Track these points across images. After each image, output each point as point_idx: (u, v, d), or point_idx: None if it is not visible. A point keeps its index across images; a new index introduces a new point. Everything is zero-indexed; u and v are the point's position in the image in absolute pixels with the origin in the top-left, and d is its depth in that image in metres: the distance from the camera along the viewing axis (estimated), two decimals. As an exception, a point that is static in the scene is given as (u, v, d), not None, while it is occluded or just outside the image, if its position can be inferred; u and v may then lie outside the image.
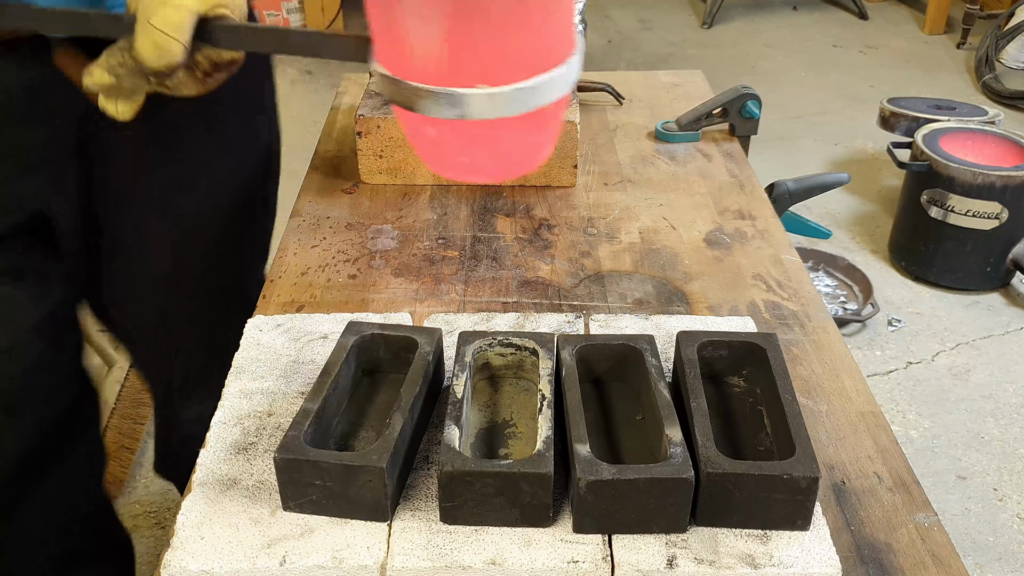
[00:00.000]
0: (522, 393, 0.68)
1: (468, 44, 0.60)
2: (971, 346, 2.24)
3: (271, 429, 0.66)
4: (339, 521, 0.58)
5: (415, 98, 0.62)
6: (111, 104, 0.74)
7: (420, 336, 0.67)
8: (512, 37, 0.60)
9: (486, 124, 0.62)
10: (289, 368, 0.71)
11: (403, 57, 0.63)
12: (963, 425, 1.98)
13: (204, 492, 0.60)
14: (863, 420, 0.73)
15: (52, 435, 1.04)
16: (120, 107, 0.74)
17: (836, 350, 0.81)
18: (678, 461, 0.56)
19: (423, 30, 0.61)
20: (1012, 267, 2.36)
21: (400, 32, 0.61)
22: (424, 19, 0.59)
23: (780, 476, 0.55)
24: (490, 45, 0.60)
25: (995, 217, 2.28)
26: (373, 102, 1.06)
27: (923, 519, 0.64)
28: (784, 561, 0.55)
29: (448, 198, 1.04)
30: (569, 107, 1.04)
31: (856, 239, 2.65)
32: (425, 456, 0.63)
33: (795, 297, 0.88)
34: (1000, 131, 2.43)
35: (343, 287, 0.88)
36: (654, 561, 0.55)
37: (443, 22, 0.59)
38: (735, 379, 0.68)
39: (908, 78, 3.67)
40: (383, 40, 0.65)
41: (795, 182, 2.14)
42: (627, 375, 0.68)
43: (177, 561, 0.56)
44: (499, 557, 0.55)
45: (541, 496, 0.56)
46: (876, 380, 2.11)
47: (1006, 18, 3.59)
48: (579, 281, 0.90)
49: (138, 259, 1.02)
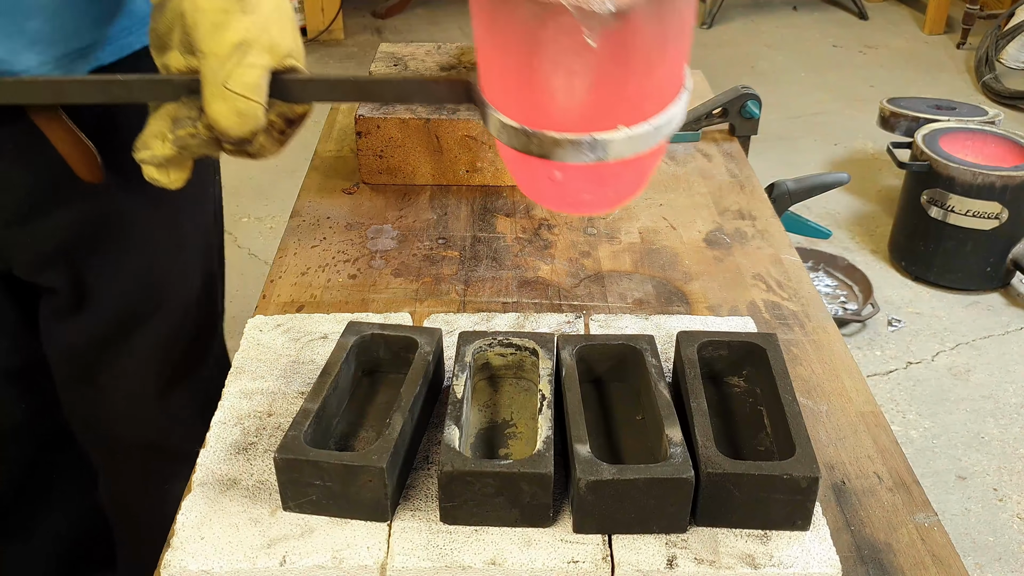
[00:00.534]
0: (522, 393, 0.68)
1: (616, 91, 0.59)
2: (971, 346, 2.24)
3: (271, 429, 0.66)
4: (339, 521, 0.58)
5: (552, 148, 0.61)
6: (163, 174, 0.68)
7: (420, 336, 0.67)
8: (655, 76, 0.60)
9: (617, 162, 0.61)
10: (289, 368, 0.71)
11: (539, 108, 0.61)
12: (963, 425, 1.98)
13: (204, 492, 0.60)
14: (863, 420, 0.73)
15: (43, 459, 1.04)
16: (173, 175, 0.68)
17: (836, 350, 0.81)
18: (678, 461, 0.56)
19: (569, 83, 0.59)
20: (1012, 267, 2.36)
21: (540, 85, 0.60)
22: (573, 73, 0.58)
23: (780, 476, 0.55)
24: (636, 88, 0.59)
25: (995, 217, 2.28)
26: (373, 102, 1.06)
27: (923, 519, 0.64)
28: (784, 561, 0.55)
29: (448, 198, 1.04)
30: (569, 107, 1.04)
31: (856, 239, 2.65)
32: (425, 456, 0.63)
33: (795, 297, 0.88)
34: (1000, 131, 2.43)
35: (343, 287, 0.88)
36: (654, 561, 0.55)
37: (594, 74, 0.58)
38: (735, 379, 0.68)
39: (908, 78, 3.67)
40: (511, 92, 0.62)
41: (795, 182, 2.14)
42: (627, 375, 0.68)
43: (177, 561, 0.56)
44: (499, 557, 0.55)
45: (541, 496, 0.56)
46: (876, 380, 2.11)
47: (1006, 18, 3.59)
48: (579, 281, 0.90)
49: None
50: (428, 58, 1.16)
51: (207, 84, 0.62)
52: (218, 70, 0.61)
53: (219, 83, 0.61)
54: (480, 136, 1.02)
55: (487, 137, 1.02)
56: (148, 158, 0.66)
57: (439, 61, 1.15)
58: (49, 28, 0.72)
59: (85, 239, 0.86)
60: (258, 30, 0.63)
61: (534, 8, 0.56)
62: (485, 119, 0.65)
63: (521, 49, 0.58)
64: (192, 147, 0.65)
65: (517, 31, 0.58)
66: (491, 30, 0.60)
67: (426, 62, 1.14)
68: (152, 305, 0.93)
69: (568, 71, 0.58)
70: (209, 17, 0.62)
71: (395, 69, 1.12)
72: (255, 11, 0.63)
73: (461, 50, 1.18)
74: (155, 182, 0.69)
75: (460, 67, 1.13)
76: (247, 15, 0.63)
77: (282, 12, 0.65)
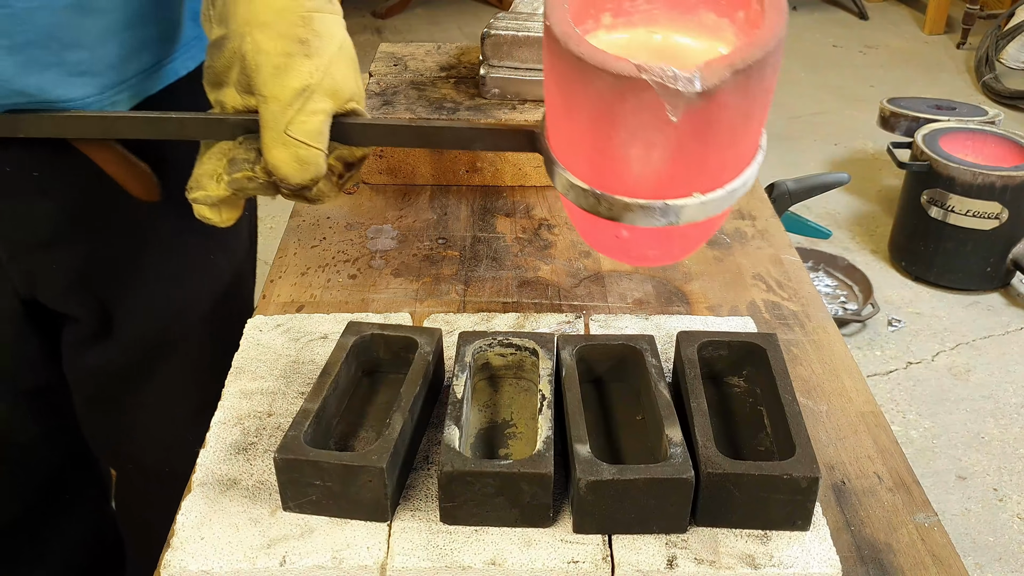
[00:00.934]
0: (522, 393, 0.68)
1: (694, 162, 0.57)
2: (971, 346, 2.24)
3: (271, 429, 0.66)
4: (339, 521, 0.58)
5: (623, 211, 0.59)
6: (215, 214, 0.67)
7: (420, 336, 0.67)
8: (736, 147, 0.59)
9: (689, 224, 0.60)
10: (289, 368, 0.71)
11: (611, 174, 0.59)
12: (963, 425, 1.98)
13: (204, 492, 0.60)
14: (863, 420, 0.73)
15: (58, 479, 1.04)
16: (225, 215, 0.67)
17: (836, 350, 0.81)
18: (678, 461, 0.56)
19: (646, 154, 0.58)
20: (1012, 267, 2.36)
21: (613, 153, 0.58)
22: (650, 145, 0.56)
23: (780, 476, 0.55)
24: (715, 159, 0.58)
25: (995, 217, 2.28)
26: (372, 102, 1.06)
27: (923, 519, 0.64)
28: (784, 561, 0.55)
29: (448, 198, 1.04)
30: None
31: (856, 239, 2.65)
32: (425, 456, 0.63)
33: (795, 297, 0.88)
34: (1000, 131, 2.43)
35: (343, 287, 0.88)
36: (654, 561, 0.55)
37: (673, 147, 0.56)
38: (735, 379, 0.68)
39: (908, 78, 3.67)
40: (582, 153, 0.60)
41: (795, 182, 2.14)
42: (627, 375, 0.68)
43: (177, 561, 0.56)
44: (499, 557, 0.55)
45: (541, 496, 0.56)
46: (876, 380, 2.11)
47: (1006, 18, 3.59)
48: (579, 281, 0.90)
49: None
50: (428, 58, 1.16)
51: (267, 129, 0.61)
52: (279, 116, 0.60)
53: (280, 129, 0.60)
54: (480, 136, 1.02)
55: (487, 137, 1.02)
56: (202, 198, 0.65)
57: (439, 61, 1.15)
58: (91, 59, 0.70)
59: (111, 268, 0.85)
60: (321, 74, 0.61)
61: (613, 80, 0.53)
62: (551, 174, 0.63)
63: (596, 116, 0.55)
64: (248, 189, 0.63)
65: (593, 98, 0.55)
66: (564, 92, 0.58)
67: (426, 62, 1.15)
68: (178, 335, 0.91)
69: (645, 143, 0.56)
70: (272, 60, 0.60)
71: (395, 69, 1.12)
72: (318, 54, 0.61)
73: (461, 50, 1.18)
74: (207, 221, 0.67)
75: (460, 67, 1.13)
76: (310, 59, 0.61)
77: (345, 53, 0.64)
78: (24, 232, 0.79)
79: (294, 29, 0.61)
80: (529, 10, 1.06)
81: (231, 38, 0.62)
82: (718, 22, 0.63)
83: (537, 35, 1.01)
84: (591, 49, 0.55)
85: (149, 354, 0.91)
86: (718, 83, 0.52)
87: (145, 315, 0.89)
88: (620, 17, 0.64)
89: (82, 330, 0.88)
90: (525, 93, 1.04)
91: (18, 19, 0.65)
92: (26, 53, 0.67)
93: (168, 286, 0.89)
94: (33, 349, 0.89)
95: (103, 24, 0.70)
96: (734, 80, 0.53)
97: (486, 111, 1.02)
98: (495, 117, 1.01)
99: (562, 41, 0.55)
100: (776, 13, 0.57)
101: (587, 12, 0.63)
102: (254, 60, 0.61)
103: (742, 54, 0.54)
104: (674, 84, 0.53)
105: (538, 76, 1.03)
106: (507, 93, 1.04)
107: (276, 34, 0.61)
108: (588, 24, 0.64)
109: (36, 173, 0.76)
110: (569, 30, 0.57)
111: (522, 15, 1.05)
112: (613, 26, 0.65)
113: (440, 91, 1.07)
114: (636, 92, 0.53)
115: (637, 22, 0.65)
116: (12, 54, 0.66)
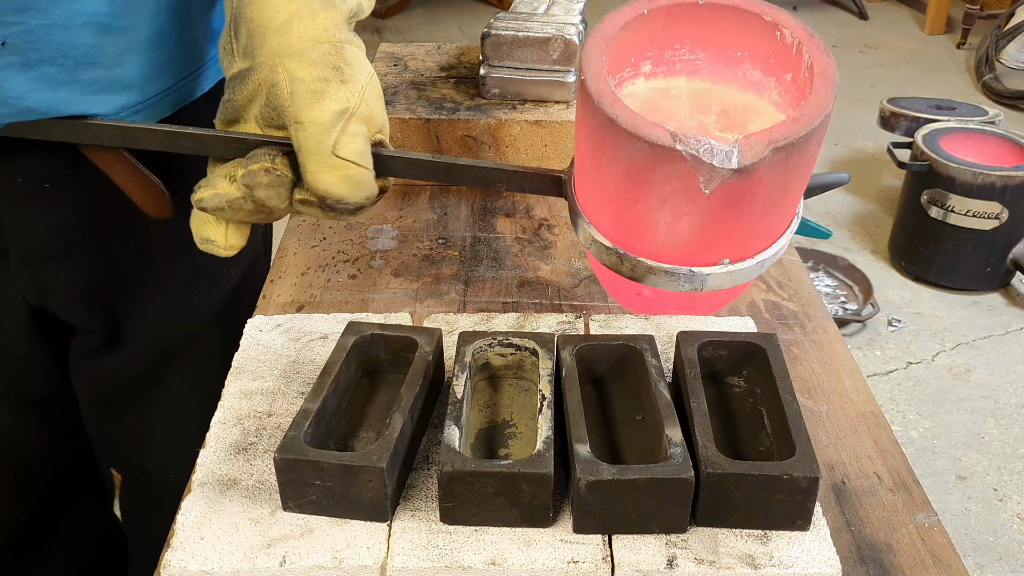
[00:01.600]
0: (522, 393, 0.68)
1: (724, 233, 0.56)
2: (971, 346, 2.24)
3: (271, 429, 0.66)
4: (339, 521, 0.58)
5: (646, 274, 0.58)
6: (219, 233, 0.66)
7: (420, 336, 0.67)
8: (770, 219, 0.57)
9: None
10: (289, 368, 0.71)
11: (637, 236, 0.58)
12: (963, 425, 1.98)
13: (204, 492, 0.60)
14: (863, 420, 0.73)
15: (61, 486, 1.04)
16: (231, 238, 0.66)
17: (836, 350, 0.81)
18: (678, 461, 0.56)
19: (674, 223, 0.56)
20: (1012, 267, 2.36)
21: (640, 218, 0.56)
22: (680, 214, 0.55)
23: (780, 476, 0.55)
24: (746, 230, 0.57)
25: (995, 217, 2.28)
26: (373, 102, 1.06)
27: (923, 519, 0.64)
28: (784, 561, 0.55)
29: (448, 198, 1.04)
30: (569, 107, 1.04)
31: (856, 239, 2.65)
32: (425, 456, 0.63)
33: (795, 297, 0.88)
34: (1000, 131, 2.43)
35: (343, 287, 0.88)
36: (654, 561, 0.55)
37: (703, 218, 0.54)
38: (735, 379, 0.68)
39: (908, 78, 3.67)
40: (608, 211, 0.59)
41: (795, 182, 2.13)
42: (627, 375, 0.68)
43: (177, 561, 0.56)
44: (499, 557, 0.55)
45: (541, 496, 0.56)
46: (876, 380, 2.11)
47: (1006, 18, 3.59)
48: (579, 281, 0.90)
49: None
50: (428, 58, 1.16)
51: (312, 155, 0.60)
52: (323, 139, 0.60)
53: (326, 152, 0.60)
54: (480, 136, 1.02)
55: (487, 137, 1.02)
56: (208, 197, 0.63)
57: (439, 61, 1.15)
58: (108, 78, 0.70)
59: (121, 279, 0.84)
60: (357, 100, 0.61)
61: (646, 147, 0.51)
62: (575, 224, 0.62)
63: (625, 178, 0.54)
64: (261, 185, 0.62)
65: (623, 160, 0.54)
66: (594, 148, 0.56)
67: (426, 62, 1.15)
68: (187, 343, 0.91)
69: (674, 211, 0.54)
70: (308, 86, 0.61)
71: (395, 69, 1.12)
72: (352, 80, 0.62)
73: (461, 50, 1.18)
74: (208, 247, 0.66)
75: (460, 67, 1.13)
76: (345, 84, 0.61)
77: (374, 83, 0.64)
78: (35, 242, 0.79)
79: (328, 57, 0.62)
80: (529, 10, 1.06)
81: (258, 69, 0.62)
82: (764, 80, 0.61)
83: (537, 35, 1.01)
84: (625, 111, 0.53)
85: (158, 362, 0.91)
86: (756, 161, 0.50)
87: (154, 325, 0.88)
88: (661, 66, 0.63)
89: (91, 340, 0.88)
90: (525, 93, 1.04)
91: (32, 36, 0.65)
92: (39, 70, 0.66)
93: (179, 296, 0.88)
94: (42, 358, 0.89)
95: (122, 43, 0.69)
96: (773, 157, 0.51)
97: (486, 111, 1.02)
98: (495, 117, 1.01)
99: (595, 99, 0.53)
100: (825, 85, 0.54)
101: (626, 59, 0.61)
102: (289, 88, 0.61)
103: (785, 130, 0.51)
104: (710, 159, 0.50)
105: (538, 76, 1.03)
106: (507, 93, 1.04)
107: (310, 62, 0.61)
108: (626, 72, 0.62)
109: (48, 184, 0.76)
110: (604, 87, 0.54)
111: (522, 15, 1.05)
112: (653, 74, 0.63)
113: (440, 91, 1.07)
114: (669, 161, 0.51)
115: (679, 71, 0.63)
116: (25, 71, 0.66)
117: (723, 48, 0.61)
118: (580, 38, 1.02)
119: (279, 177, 0.62)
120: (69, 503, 1.05)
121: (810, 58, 0.55)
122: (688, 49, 0.61)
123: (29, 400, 0.92)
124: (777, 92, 0.60)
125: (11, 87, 0.66)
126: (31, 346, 0.87)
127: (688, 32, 0.61)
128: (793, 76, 0.58)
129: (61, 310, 0.84)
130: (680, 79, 0.63)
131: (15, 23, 0.64)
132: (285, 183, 0.63)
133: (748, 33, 0.60)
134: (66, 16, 0.65)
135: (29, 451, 0.96)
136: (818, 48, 0.56)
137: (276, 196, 0.63)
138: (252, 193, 0.63)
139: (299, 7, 0.62)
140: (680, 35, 0.61)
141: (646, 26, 0.60)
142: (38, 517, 1.02)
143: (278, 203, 0.64)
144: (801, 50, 0.56)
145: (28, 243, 0.79)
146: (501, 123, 1.01)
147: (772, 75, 0.60)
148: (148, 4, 0.70)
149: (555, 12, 1.06)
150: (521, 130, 1.01)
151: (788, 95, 0.59)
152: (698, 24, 0.60)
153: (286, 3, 0.62)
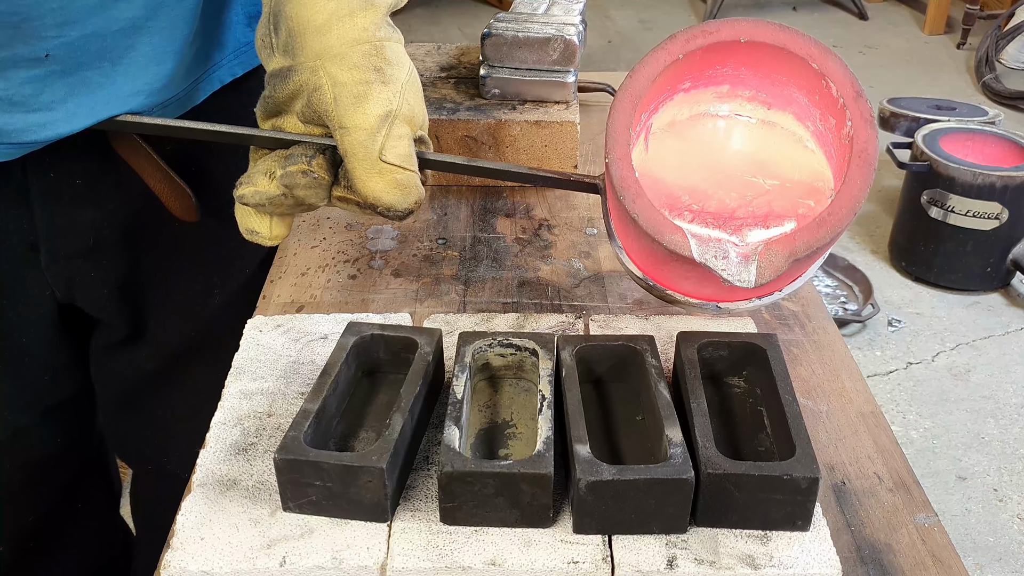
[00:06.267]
0: (522, 393, 0.68)
1: (747, 291, 0.57)
2: (971, 346, 2.24)
3: (271, 430, 0.66)
4: (339, 522, 0.58)
5: (674, 300, 0.60)
6: (264, 224, 0.65)
7: (420, 336, 0.67)
8: (791, 279, 0.58)
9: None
10: (289, 368, 0.71)
11: (668, 284, 0.59)
12: (963, 425, 1.98)
13: (204, 493, 0.60)
14: (863, 420, 0.73)
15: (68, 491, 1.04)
16: (275, 229, 0.66)
17: (836, 350, 0.81)
18: (678, 461, 0.56)
19: (699, 287, 0.57)
20: (1012, 267, 2.36)
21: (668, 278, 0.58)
22: (704, 281, 0.55)
23: (780, 476, 0.55)
24: (769, 288, 0.57)
25: (995, 217, 2.28)
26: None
27: (923, 519, 0.64)
28: (784, 562, 0.55)
29: (448, 198, 1.04)
30: (569, 107, 1.04)
31: (856, 239, 2.65)
32: (425, 456, 0.63)
33: (795, 297, 0.88)
34: (1000, 131, 2.43)
35: (343, 287, 0.88)
36: (654, 561, 0.55)
37: (728, 288, 0.55)
38: (735, 379, 0.68)
39: (908, 78, 3.67)
40: (641, 262, 0.60)
41: (795, 182, 2.13)
42: (627, 375, 0.68)
43: (177, 561, 0.56)
44: (499, 558, 0.55)
45: (541, 496, 0.56)
46: (876, 380, 2.11)
47: (1006, 18, 3.59)
48: (579, 281, 0.90)
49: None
50: (428, 58, 1.16)
51: (359, 160, 0.60)
52: (369, 144, 0.60)
53: (373, 157, 0.60)
54: (480, 136, 1.02)
55: (487, 137, 1.02)
56: (250, 194, 0.63)
57: (439, 61, 1.15)
58: (143, 78, 0.71)
59: (148, 276, 0.85)
60: (399, 100, 0.61)
61: (665, 251, 0.52)
62: (609, 236, 0.64)
63: (650, 254, 0.55)
64: (299, 186, 0.62)
65: (646, 245, 0.54)
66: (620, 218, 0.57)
67: (426, 62, 1.15)
68: (208, 340, 0.91)
69: (696, 281, 0.55)
70: (350, 90, 0.60)
71: (395, 69, 1.12)
72: (393, 81, 0.62)
73: (461, 50, 1.18)
74: (252, 237, 0.66)
75: (460, 67, 1.13)
76: (387, 86, 0.61)
77: (414, 81, 0.64)
78: (66, 239, 0.80)
79: (369, 59, 0.61)
80: (529, 10, 1.06)
81: (299, 71, 0.62)
82: (809, 109, 0.60)
83: (537, 36, 1.01)
84: (646, 210, 0.52)
85: (177, 358, 0.92)
86: (775, 276, 0.50)
87: (178, 321, 0.89)
88: (701, 81, 0.62)
89: (114, 334, 0.88)
90: (525, 93, 1.04)
91: (73, 47, 0.66)
92: (78, 75, 0.67)
93: (203, 295, 0.89)
94: (63, 358, 0.90)
95: (156, 42, 0.70)
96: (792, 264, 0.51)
97: (486, 111, 1.02)
98: (495, 117, 1.01)
99: (619, 191, 0.53)
100: (862, 172, 0.50)
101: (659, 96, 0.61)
102: (332, 93, 0.61)
103: (808, 238, 0.50)
104: (727, 276, 0.51)
105: (538, 77, 1.03)
106: (507, 93, 1.04)
107: (351, 65, 0.61)
108: (661, 97, 0.62)
109: (79, 181, 0.76)
110: (628, 175, 0.53)
111: (522, 15, 1.05)
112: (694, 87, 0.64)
113: (440, 91, 1.07)
114: (694, 266, 0.52)
115: (720, 80, 0.62)
116: (64, 77, 0.67)
117: (767, 77, 0.61)
118: (580, 38, 1.02)
119: (316, 179, 0.62)
120: (77, 504, 1.05)
121: (852, 127, 0.51)
122: (731, 67, 0.61)
123: (48, 404, 0.92)
124: (821, 122, 0.59)
125: (52, 92, 0.67)
126: (54, 347, 0.88)
127: (728, 70, 0.60)
128: (837, 125, 0.55)
129: (88, 304, 0.85)
130: (724, 87, 0.62)
131: (56, 36, 0.65)
132: (323, 184, 0.63)
133: (792, 74, 0.58)
134: (103, 23, 0.66)
135: (43, 454, 0.96)
136: (863, 115, 0.51)
137: (315, 195, 0.64)
138: (291, 192, 0.63)
139: (336, 6, 0.62)
140: (720, 77, 0.60)
141: (679, 70, 0.58)
142: (47, 518, 1.02)
143: (317, 200, 0.64)
144: (844, 112, 0.52)
145: (58, 239, 0.79)
146: (501, 123, 1.01)
147: (818, 108, 0.59)
148: (177, 2, 0.71)
149: (555, 12, 1.06)
150: (521, 130, 1.01)
151: (828, 134, 0.58)
152: (738, 63, 0.60)
153: (325, 2, 0.62)
